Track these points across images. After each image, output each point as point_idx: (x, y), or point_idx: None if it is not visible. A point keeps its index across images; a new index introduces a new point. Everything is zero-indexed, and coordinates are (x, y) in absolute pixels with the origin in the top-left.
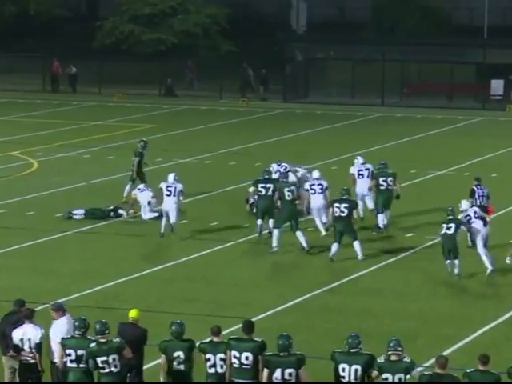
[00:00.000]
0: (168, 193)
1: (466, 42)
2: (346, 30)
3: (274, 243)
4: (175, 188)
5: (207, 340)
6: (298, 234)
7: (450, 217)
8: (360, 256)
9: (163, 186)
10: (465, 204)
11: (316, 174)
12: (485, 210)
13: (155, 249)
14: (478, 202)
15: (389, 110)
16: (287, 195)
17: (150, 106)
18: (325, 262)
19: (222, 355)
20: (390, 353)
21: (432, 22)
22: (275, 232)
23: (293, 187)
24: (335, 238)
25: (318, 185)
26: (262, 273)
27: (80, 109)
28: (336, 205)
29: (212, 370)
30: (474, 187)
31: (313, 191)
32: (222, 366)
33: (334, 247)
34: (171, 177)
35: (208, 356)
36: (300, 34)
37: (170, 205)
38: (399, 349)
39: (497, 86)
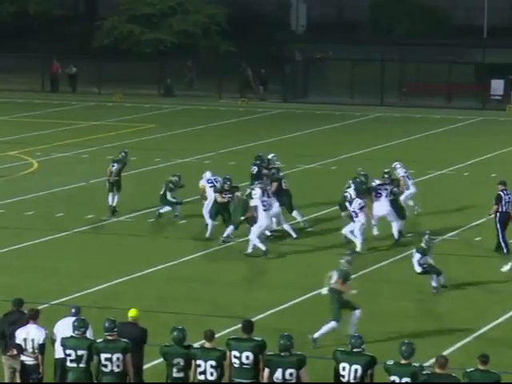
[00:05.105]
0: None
1: (465, 42)
2: (345, 30)
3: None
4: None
5: (198, 345)
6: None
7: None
8: None
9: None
10: None
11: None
12: (508, 216)
13: (155, 248)
14: (504, 208)
15: (388, 110)
16: None
17: (150, 105)
18: (326, 262)
19: (212, 362)
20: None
21: (431, 21)
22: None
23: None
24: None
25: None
26: (262, 272)
27: (79, 109)
28: None
29: (202, 377)
30: (501, 192)
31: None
32: (211, 374)
33: None
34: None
35: (198, 362)
36: (299, 34)
37: None
38: (411, 357)
39: (497, 85)
